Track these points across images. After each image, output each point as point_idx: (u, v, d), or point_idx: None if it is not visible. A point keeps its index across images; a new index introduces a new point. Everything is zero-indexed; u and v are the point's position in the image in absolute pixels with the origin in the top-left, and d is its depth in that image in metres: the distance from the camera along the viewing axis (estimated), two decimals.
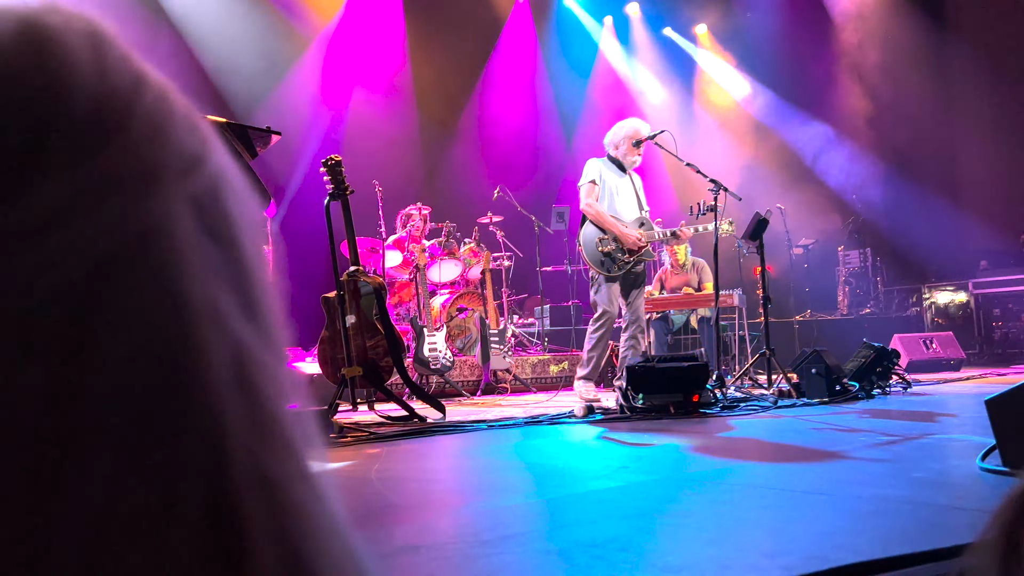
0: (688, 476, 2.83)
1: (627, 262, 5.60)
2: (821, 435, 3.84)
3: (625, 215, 5.74)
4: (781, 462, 3.09)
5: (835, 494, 2.37)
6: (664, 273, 8.76)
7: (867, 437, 3.61)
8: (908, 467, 2.75)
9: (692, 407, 4.97)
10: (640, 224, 5.75)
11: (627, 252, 5.60)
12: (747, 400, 5.56)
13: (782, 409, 5.17)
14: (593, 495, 2.55)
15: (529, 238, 9.46)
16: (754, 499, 2.36)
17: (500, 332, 7.66)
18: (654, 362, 5.14)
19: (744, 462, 3.10)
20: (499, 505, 2.49)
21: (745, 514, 2.16)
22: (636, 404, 5.00)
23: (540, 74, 13.01)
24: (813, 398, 5.58)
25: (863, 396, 5.75)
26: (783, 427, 4.26)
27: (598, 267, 5.61)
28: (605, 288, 5.61)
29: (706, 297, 7.83)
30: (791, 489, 2.47)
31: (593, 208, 5.66)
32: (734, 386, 6.22)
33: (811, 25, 12.13)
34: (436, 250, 8.76)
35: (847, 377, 5.90)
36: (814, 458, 3.10)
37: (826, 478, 2.64)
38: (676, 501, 2.39)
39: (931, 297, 10.65)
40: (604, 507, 2.35)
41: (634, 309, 5.71)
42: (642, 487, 2.65)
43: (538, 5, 12.89)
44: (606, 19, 13.27)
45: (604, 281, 5.61)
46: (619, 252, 5.60)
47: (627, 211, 5.77)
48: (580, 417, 5.03)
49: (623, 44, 13.42)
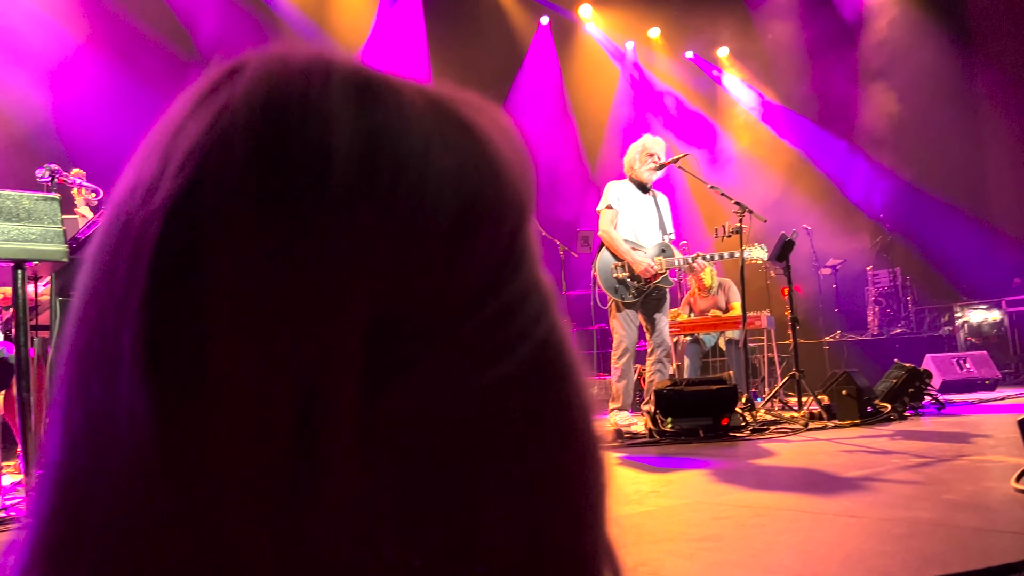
0: (718, 500, 2.83)
1: (641, 289, 5.55)
2: (852, 457, 3.81)
3: (645, 239, 5.66)
4: (811, 485, 3.07)
5: (866, 517, 2.36)
6: (692, 296, 8.73)
7: (899, 459, 3.57)
8: (941, 489, 2.73)
9: (722, 430, 4.95)
10: (661, 250, 5.66)
11: (640, 279, 5.54)
12: (777, 423, 5.52)
13: (813, 432, 5.12)
14: (624, 520, 2.55)
15: (554, 262, 9.49)
16: (783, 522, 2.35)
17: None
18: (683, 385, 5.13)
19: (774, 485, 3.09)
20: None
21: (774, 537, 2.15)
22: (665, 428, 4.98)
23: (562, 98, 13.10)
24: (844, 420, 5.52)
25: (895, 417, 5.68)
26: (814, 450, 4.23)
27: (612, 293, 5.58)
28: (622, 315, 5.58)
29: (734, 319, 7.80)
30: (821, 512, 2.46)
31: (608, 235, 5.61)
32: (764, 408, 6.17)
33: (834, 44, 12.12)
34: None
35: (879, 398, 5.84)
36: (845, 481, 3.08)
37: (857, 501, 2.63)
38: (706, 525, 2.39)
39: (963, 316, 10.51)
40: (635, 531, 2.36)
41: (658, 332, 5.64)
42: (673, 512, 2.66)
43: (560, 30, 13.01)
44: (628, 43, 13.35)
45: (620, 308, 5.57)
46: (633, 279, 5.54)
47: (647, 234, 5.68)
48: (608, 441, 5.02)
49: (645, 68, 13.49)
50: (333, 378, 0.29)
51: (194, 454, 0.29)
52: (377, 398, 0.29)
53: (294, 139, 0.30)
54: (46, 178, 3.95)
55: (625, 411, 5.61)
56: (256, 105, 0.30)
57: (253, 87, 0.31)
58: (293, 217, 0.29)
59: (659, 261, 5.58)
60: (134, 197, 0.31)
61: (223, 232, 0.29)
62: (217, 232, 0.29)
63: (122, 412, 0.29)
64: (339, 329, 0.29)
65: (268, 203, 0.29)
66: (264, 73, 0.31)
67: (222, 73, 0.33)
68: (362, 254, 0.29)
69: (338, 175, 0.29)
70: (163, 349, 0.29)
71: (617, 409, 5.61)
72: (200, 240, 0.29)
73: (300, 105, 0.30)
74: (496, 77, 12.54)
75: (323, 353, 0.29)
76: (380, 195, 0.30)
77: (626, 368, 5.58)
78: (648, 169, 5.69)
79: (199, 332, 0.28)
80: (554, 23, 12.92)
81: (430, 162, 0.31)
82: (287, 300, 0.28)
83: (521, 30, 12.80)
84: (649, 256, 5.57)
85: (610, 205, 5.65)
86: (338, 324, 0.29)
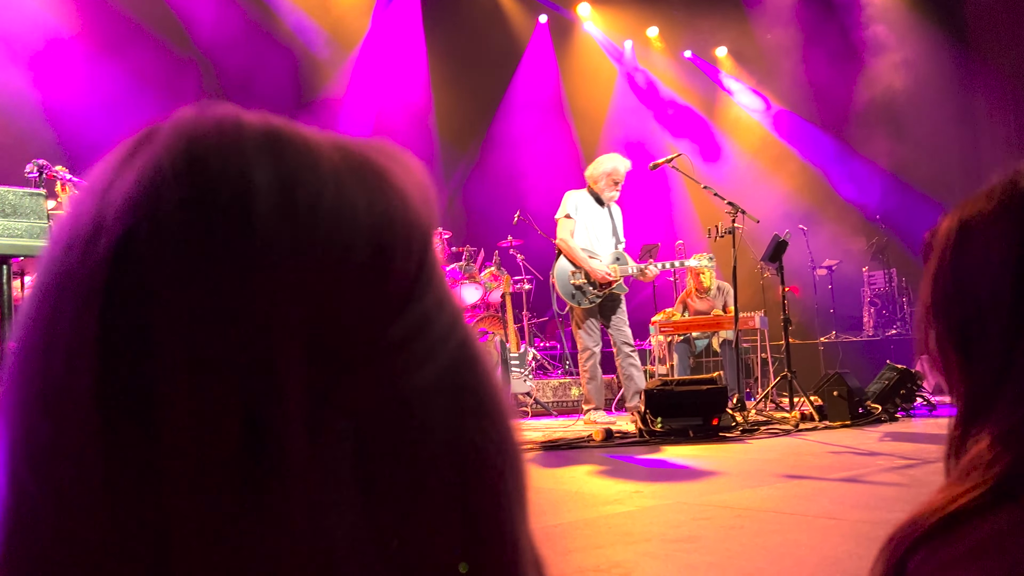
0: (700, 501, 2.82)
1: (597, 295, 5.85)
2: (839, 459, 3.81)
3: (600, 247, 5.97)
4: (795, 487, 3.07)
5: (846, 519, 2.36)
6: (688, 296, 8.71)
7: (885, 460, 3.57)
8: (923, 491, 2.71)
9: (711, 431, 4.94)
10: (616, 258, 5.98)
11: (597, 285, 5.82)
12: (768, 423, 5.52)
13: (803, 432, 5.12)
14: (603, 520, 2.55)
15: (549, 261, 9.48)
16: (763, 524, 2.35)
17: (520, 355, 7.67)
18: (673, 385, 5.12)
19: (758, 486, 3.08)
20: None
21: (752, 539, 2.15)
22: (655, 428, 4.98)
23: (560, 97, 13.09)
24: (835, 421, 5.52)
25: (886, 419, 5.68)
26: (802, 451, 4.23)
27: (569, 299, 5.90)
28: (585, 322, 5.88)
29: (727, 319, 7.79)
30: (801, 513, 2.45)
31: (565, 244, 5.93)
32: (755, 409, 6.17)
33: (832, 45, 12.10)
34: (456, 274, 8.81)
35: (870, 399, 5.84)
36: (829, 482, 3.08)
37: (838, 502, 2.62)
38: (684, 526, 2.38)
39: None
40: (613, 532, 2.35)
41: (621, 332, 5.95)
42: (653, 512, 2.65)
43: (558, 29, 12.99)
44: (626, 42, 13.33)
45: (583, 318, 5.87)
46: (589, 285, 5.84)
47: (602, 243, 6.01)
48: (599, 441, 5.02)
49: (643, 67, 13.47)
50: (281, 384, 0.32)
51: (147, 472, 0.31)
52: (324, 402, 0.33)
53: (217, 184, 0.33)
54: (34, 174, 3.94)
55: (600, 410, 5.91)
56: (178, 157, 0.33)
57: (172, 143, 0.34)
58: (225, 248, 0.32)
59: (614, 268, 5.91)
60: (71, 253, 0.34)
61: (165, 272, 0.31)
62: (159, 273, 0.31)
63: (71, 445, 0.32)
64: (279, 349, 0.32)
65: (202, 244, 0.32)
66: (179, 130, 0.35)
67: (138, 138, 0.36)
68: (292, 274, 0.32)
69: (261, 214, 0.32)
70: (116, 386, 0.31)
71: (592, 409, 5.92)
72: (144, 281, 0.31)
73: (217, 154, 0.33)
74: (494, 75, 12.53)
75: (268, 364, 0.32)
76: (301, 227, 0.33)
77: (593, 370, 5.92)
78: (609, 189, 6.11)
79: (150, 367, 0.31)
80: (552, 22, 12.90)
81: (342, 196, 0.34)
82: (229, 320, 0.31)
83: (519, 28, 12.78)
84: (605, 264, 5.91)
85: (568, 215, 6.00)
86: (277, 337, 0.32)
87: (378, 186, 0.36)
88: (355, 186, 0.35)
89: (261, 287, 0.32)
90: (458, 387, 0.36)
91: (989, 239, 0.57)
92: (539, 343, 9.79)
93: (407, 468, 0.34)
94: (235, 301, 0.32)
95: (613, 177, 6.12)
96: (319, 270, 0.33)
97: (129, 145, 0.36)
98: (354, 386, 0.33)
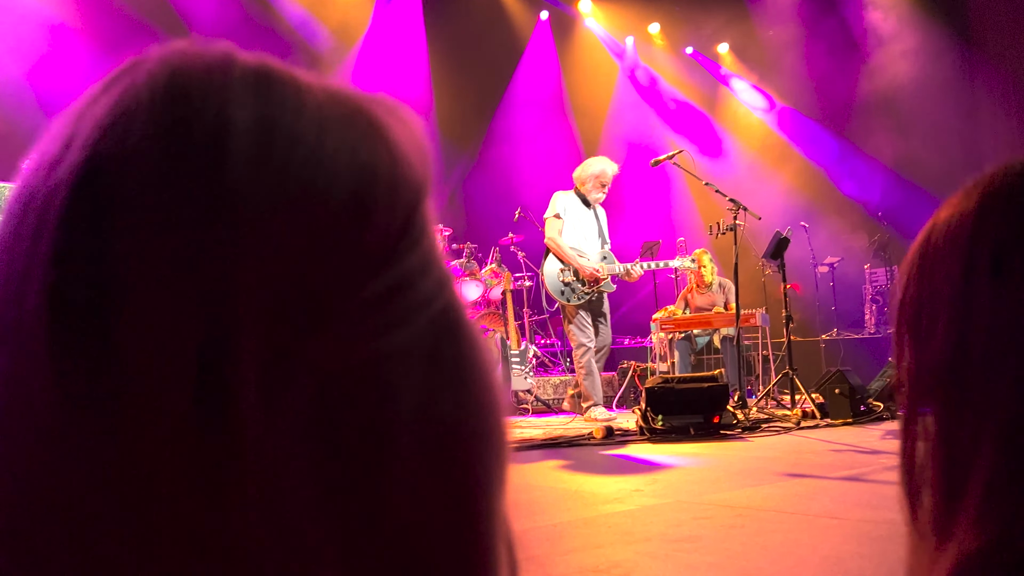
0: (701, 500, 2.80)
1: (586, 292, 6.03)
2: (840, 457, 3.79)
3: (587, 248, 6.14)
4: (796, 485, 3.05)
5: (847, 518, 2.34)
6: (689, 292, 8.68)
7: (887, 459, 3.55)
8: None
9: (713, 428, 4.93)
10: (603, 258, 6.17)
11: (586, 283, 6.01)
12: (769, 421, 5.50)
13: (804, 430, 5.10)
14: (603, 519, 2.53)
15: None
16: (764, 523, 2.33)
17: (521, 353, 7.65)
18: (674, 383, 5.10)
19: (759, 485, 3.06)
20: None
21: (753, 539, 2.13)
22: (656, 426, 4.96)
23: (561, 94, 13.06)
24: (837, 419, 5.50)
25: (888, 416, 5.66)
26: (803, 449, 4.21)
27: (559, 296, 6.06)
28: (576, 318, 6.03)
29: (728, 316, 7.77)
30: (803, 512, 2.43)
31: (554, 242, 6.10)
32: (756, 407, 6.15)
33: (834, 42, 12.07)
34: (457, 271, 8.79)
35: (872, 397, 5.81)
36: (830, 481, 3.06)
37: (840, 501, 2.60)
38: (685, 526, 2.36)
39: None
40: (613, 531, 2.33)
41: (602, 336, 6.15)
42: (653, 511, 2.63)
43: (560, 25, 12.95)
44: (627, 39, 13.30)
45: (573, 311, 6.03)
46: (579, 283, 6.02)
47: (589, 244, 6.18)
48: (599, 439, 5.00)
49: (645, 64, 13.43)
50: (237, 336, 0.30)
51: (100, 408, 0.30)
52: (285, 358, 0.31)
53: (194, 115, 0.31)
54: None
55: (600, 406, 5.99)
56: (159, 86, 0.32)
57: (156, 71, 0.33)
58: (193, 186, 0.30)
59: (602, 267, 6.09)
60: (37, 175, 0.32)
61: (127, 200, 0.30)
62: (121, 200, 0.30)
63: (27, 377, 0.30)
64: (238, 299, 0.30)
65: (169, 173, 0.30)
66: (167, 60, 0.33)
67: (124, 66, 0.34)
68: (260, 221, 0.31)
69: (234, 153, 0.31)
70: (67, 311, 0.30)
71: (593, 406, 5.98)
72: (104, 208, 0.30)
73: (200, 87, 0.32)
74: (495, 72, 12.50)
75: (227, 313, 0.30)
76: (275, 167, 0.31)
77: (589, 366, 6.05)
78: (596, 191, 6.27)
79: (103, 294, 0.30)
80: (553, 18, 12.87)
81: (323, 143, 0.33)
82: (189, 263, 0.30)
83: (520, 25, 12.75)
84: (593, 263, 6.10)
85: (557, 214, 6.16)
86: (239, 286, 0.30)
87: (366, 137, 0.34)
88: (340, 134, 0.34)
89: (225, 231, 0.30)
90: (434, 355, 0.35)
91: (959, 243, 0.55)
92: (540, 340, 9.77)
93: (369, 433, 0.32)
94: (196, 242, 0.30)
95: (601, 179, 6.25)
96: (291, 220, 0.31)
97: (114, 72, 0.35)
98: (320, 344, 0.31)
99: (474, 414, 0.36)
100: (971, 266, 0.53)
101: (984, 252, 0.53)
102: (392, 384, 0.33)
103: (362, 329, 0.32)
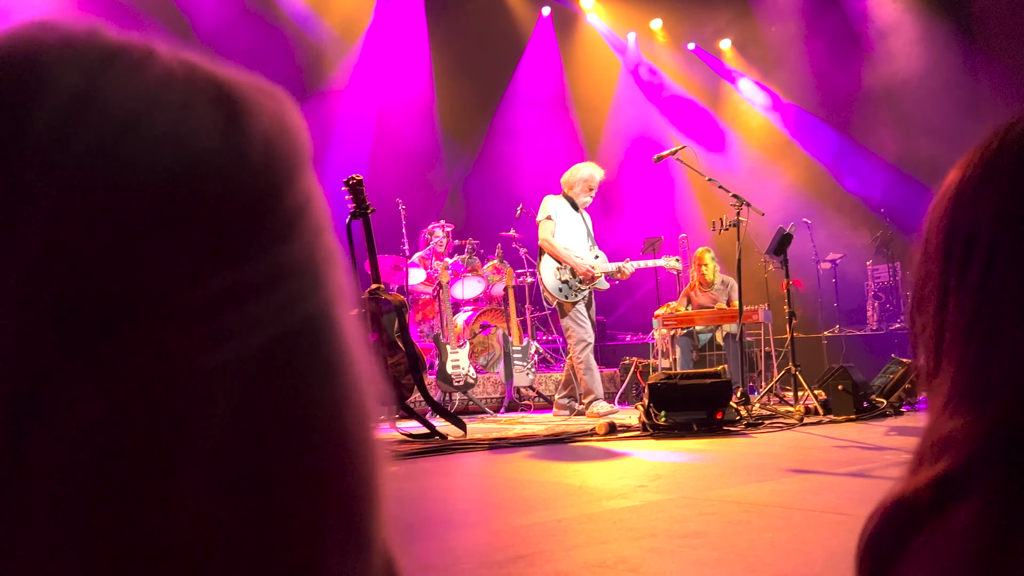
0: (705, 495, 2.80)
1: (582, 289, 6.28)
2: (844, 453, 3.78)
3: (577, 249, 6.38)
4: (801, 481, 3.04)
5: (853, 514, 2.33)
6: (691, 289, 8.66)
7: (891, 455, 3.54)
8: None
9: (716, 424, 4.92)
10: (595, 257, 6.44)
11: (582, 280, 6.25)
12: (772, 417, 5.49)
13: (807, 426, 5.09)
14: (608, 515, 2.52)
15: None
16: (770, 519, 2.32)
17: (523, 349, 7.64)
18: (677, 379, 5.09)
19: (763, 481, 3.05)
20: (513, 525, 2.48)
21: (759, 535, 2.12)
22: (659, 422, 4.95)
23: (563, 90, 13.04)
24: (840, 415, 5.49)
25: (891, 413, 5.66)
26: (807, 445, 4.20)
27: (557, 294, 6.27)
28: (573, 313, 6.24)
29: (731, 313, 7.75)
30: (808, 508, 2.43)
31: (548, 243, 6.32)
32: (759, 403, 6.14)
33: (836, 38, 12.04)
34: (459, 267, 8.78)
35: (875, 393, 5.81)
36: (835, 477, 3.05)
37: (845, 497, 2.59)
38: (691, 521, 2.36)
39: None
40: (618, 527, 2.32)
41: (588, 332, 6.37)
42: (658, 507, 2.62)
43: (562, 21, 12.93)
44: (629, 35, 13.27)
45: (568, 308, 6.24)
46: (576, 280, 6.26)
47: (579, 245, 6.42)
48: (602, 434, 4.99)
49: (647, 60, 13.41)
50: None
51: None
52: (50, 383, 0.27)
53: (7, 79, 0.28)
54: None
55: (602, 400, 6.14)
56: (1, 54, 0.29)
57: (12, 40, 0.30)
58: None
59: (596, 265, 6.35)
60: None
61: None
62: None
63: None
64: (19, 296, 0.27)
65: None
66: (26, 25, 0.31)
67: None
68: (55, 211, 0.27)
69: (41, 120, 0.28)
70: None
71: (594, 400, 6.11)
72: None
73: (27, 52, 0.29)
74: (497, 68, 12.48)
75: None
76: (76, 151, 0.28)
77: (588, 361, 6.24)
78: (583, 195, 6.53)
79: None
80: (555, 14, 12.84)
81: (153, 120, 0.29)
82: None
83: (522, 20, 12.72)
84: (588, 260, 6.35)
85: (549, 217, 6.40)
86: (19, 290, 0.27)
87: (210, 121, 0.30)
88: (176, 115, 0.29)
89: (9, 208, 0.27)
90: (276, 377, 0.30)
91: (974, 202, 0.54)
92: (542, 336, 9.76)
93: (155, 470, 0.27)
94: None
95: (589, 184, 6.49)
96: (97, 204, 0.27)
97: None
98: (123, 354, 0.27)
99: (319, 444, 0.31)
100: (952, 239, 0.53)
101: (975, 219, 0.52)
102: (208, 405, 0.28)
103: (182, 338, 0.28)
